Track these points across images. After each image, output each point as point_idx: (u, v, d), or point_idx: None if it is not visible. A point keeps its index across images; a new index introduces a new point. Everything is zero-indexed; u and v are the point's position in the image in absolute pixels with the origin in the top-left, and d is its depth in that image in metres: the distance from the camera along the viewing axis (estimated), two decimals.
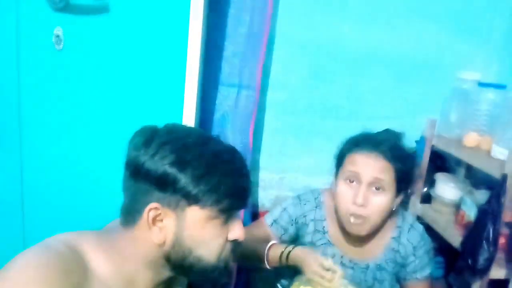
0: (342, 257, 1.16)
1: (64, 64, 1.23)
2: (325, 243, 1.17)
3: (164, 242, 0.73)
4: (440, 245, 2.06)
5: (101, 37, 1.24)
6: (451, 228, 1.79)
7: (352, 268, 1.16)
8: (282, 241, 1.21)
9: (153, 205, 0.70)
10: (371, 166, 1.04)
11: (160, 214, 0.71)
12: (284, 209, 1.21)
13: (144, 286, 0.78)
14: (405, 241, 1.17)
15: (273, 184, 2.07)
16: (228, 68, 1.60)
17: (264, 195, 2.07)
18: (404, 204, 1.93)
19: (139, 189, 0.72)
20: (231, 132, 1.64)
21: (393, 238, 1.16)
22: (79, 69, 1.25)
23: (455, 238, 1.70)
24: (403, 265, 1.18)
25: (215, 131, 1.63)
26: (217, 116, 1.62)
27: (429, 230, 1.99)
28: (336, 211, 1.15)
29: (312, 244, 1.18)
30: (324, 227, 1.18)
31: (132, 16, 1.24)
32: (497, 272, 1.55)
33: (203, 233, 0.72)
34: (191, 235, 0.72)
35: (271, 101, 1.94)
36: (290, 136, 2.01)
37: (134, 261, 0.75)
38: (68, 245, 0.71)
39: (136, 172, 0.71)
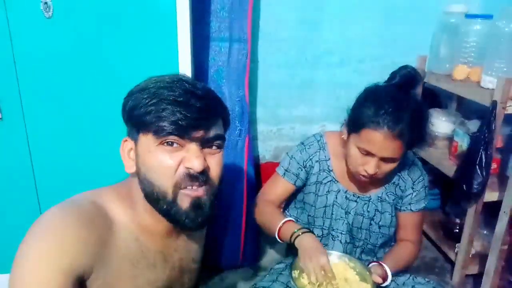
0: (346, 191, 1.23)
1: (54, 31, 1.23)
2: (330, 181, 1.24)
3: (134, 171, 0.77)
4: (436, 178, 2.15)
5: (90, 2, 1.23)
6: (445, 160, 1.87)
7: (356, 201, 1.23)
8: (297, 187, 1.28)
9: (124, 138, 0.79)
10: (385, 148, 1.04)
11: (128, 145, 0.79)
12: (292, 157, 1.27)
13: (158, 233, 0.81)
14: (405, 176, 1.23)
15: (271, 136, 2.12)
16: (217, 23, 1.59)
17: (264, 147, 2.13)
18: None
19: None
20: (226, 87, 1.66)
21: (394, 172, 1.22)
22: (71, 36, 1.25)
23: (449, 169, 1.78)
24: (401, 197, 1.25)
25: (211, 86, 1.64)
26: (211, 72, 1.63)
27: (424, 164, 2.07)
28: (343, 156, 1.20)
29: (319, 182, 1.25)
30: (329, 166, 1.24)
31: None
32: (491, 196, 1.64)
33: (151, 158, 0.74)
34: (143, 161, 0.75)
35: (263, 53, 1.95)
36: (284, 87, 2.04)
37: (139, 203, 0.78)
38: (88, 199, 0.76)
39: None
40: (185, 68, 1.38)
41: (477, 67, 1.71)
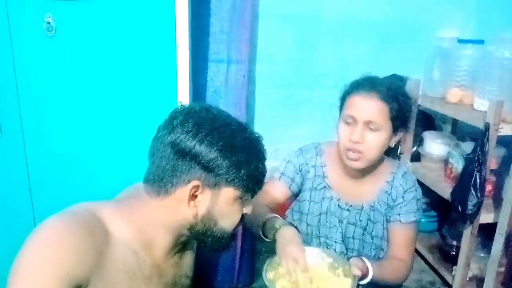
0: (339, 200, 1.24)
1: (57, 50, 1.26)
2: (324, 187, 1.25)
3: (196, 214, 0.80)
4: (432, 200, 2.16)
5: (92, 22, 1.26)
6: (441, 182, 1.88)
7: (348, 210, 1.23)
8: (292, 192, 1.28)
9: (196, 182, 0.76)
10: (366, 108, 1.10)
11: (198, 190, 0.77)
12: (289, 161, 1.30)
13: (162, 248, 0.84)
14: (397, 185, 1.22)
15: (268, 156, 2.11)
16: (216, 44, 1.64)
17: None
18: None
19: (181, 166, 0.76)
20: (224, 107, 1.68)
21: (387, 182, 1.22)
22: (73, 54, 1.28)
23: (445, 190, 1.79)
24: (392, 207, 1.22)
25: None
26: (209, 92, 1.67)
27: (421, 186, 2.08)
28: (337, 156, 1.22)
29: (314, 188, 1.26)
30: (324, 172, 1.26)
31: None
32: (486, 217, 1.64)
33: (231, 209, 0.81)
34: (221, 211, 0.80)
35: (260, 74, 1.99)
36: (281, 107, 2.07)
37: (156, 226, 0.81)
38: (88, 211, 0.77)
39: (183, 153, 0.75)
40: (184, 88, 1.41)
41: (469, 90, 1.75)
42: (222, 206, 0.80)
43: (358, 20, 1.99)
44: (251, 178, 0.79)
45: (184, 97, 1.42)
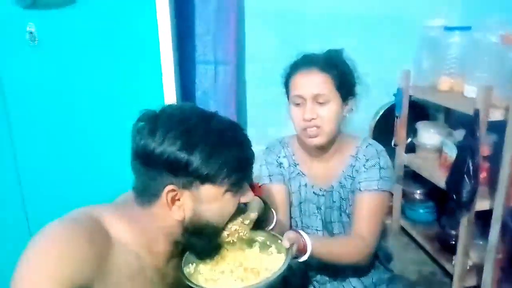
0: (313, 187, 1.24)
1: (42, 58, 1.27)
2: (298, 174, 1.25)
3: (184, 218, 0.78)
4: (430, 191, 2.15)
5: (74, 28, 1.27)
6: (436, 171, 1.87)
7: (323, 195, 1.23)
8: (288, 188, 1.26)
9: (169, 187, 0.74)
10: (310, 83, 1.11)
11: (177, 194, 0.75)
12: (266, 163, 1.26)
13: (162, 252, 0.84)
14: (361, 156, 1.20)
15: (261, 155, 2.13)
16: (202, 46, 1.64)
17: (255, 167, 2.13)
18: (391, 157, 2.00)
19: (152, 175, 0.74)
20: (214, 108, 1.68)
21: (352, 156, 1.21)
22: (57, 62, 1.29)
23: (441, 179, 1.77)
24: (355, 178, 1.19)
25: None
26: (198, 94, 1.67)
27: (418, 177, 2.07)
28: (301, 143, 1.22)
29: (291, 178, 1.26)
30: (294, 160, 1.26)
31: (100, 4, 1.28)
32: (482, 204, 1.63)
33: (218, 205, 0.78)
34: (208, 209, 0.77)
35: (250, 74, 1.99)
36: (273, 106, 2.06)
37: (153, 232, 0.81)
38: (89, 215, 0.76)
39: (147, 160, 0.73)
40: (169, 90, 1.42)
41: (459, 78, 1.74)
42: (208, 205, 0.77)
43: (344, 15, 1.99)
44: (228, 169, 0.75)
45: (171, 100, 1.43)
